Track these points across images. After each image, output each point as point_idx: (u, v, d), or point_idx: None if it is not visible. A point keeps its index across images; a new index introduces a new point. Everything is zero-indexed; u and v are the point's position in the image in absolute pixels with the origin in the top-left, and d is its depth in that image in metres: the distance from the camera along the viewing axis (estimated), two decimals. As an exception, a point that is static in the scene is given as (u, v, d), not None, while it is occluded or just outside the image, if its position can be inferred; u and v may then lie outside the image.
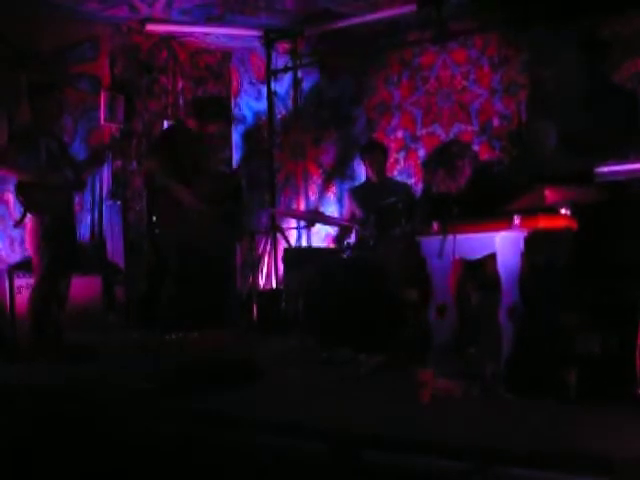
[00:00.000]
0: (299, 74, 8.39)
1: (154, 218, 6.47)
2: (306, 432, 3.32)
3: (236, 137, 8.96)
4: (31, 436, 3.81)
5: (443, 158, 4.78)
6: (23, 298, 6.09)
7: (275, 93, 8.45)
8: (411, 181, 7.42)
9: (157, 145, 6.56)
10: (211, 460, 3.32)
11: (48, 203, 5.59)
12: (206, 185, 6.20)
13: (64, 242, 5.72)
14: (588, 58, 5.00)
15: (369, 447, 3.09)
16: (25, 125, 6.09)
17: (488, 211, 4.16)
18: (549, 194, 3.99)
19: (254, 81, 8.79)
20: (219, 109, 6.58)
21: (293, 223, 8.06)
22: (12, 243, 6.93)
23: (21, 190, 5.55)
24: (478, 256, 4.18)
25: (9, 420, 4.02)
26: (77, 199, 7.11)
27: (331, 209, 8.04)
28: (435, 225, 4.28)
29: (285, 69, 8.41)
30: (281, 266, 7.63)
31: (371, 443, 3.13)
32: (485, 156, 7.03)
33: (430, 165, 4.95)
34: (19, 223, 5.64)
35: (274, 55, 8.36)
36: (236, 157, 8.97)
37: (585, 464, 2.70)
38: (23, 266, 6.50)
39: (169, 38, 8.16)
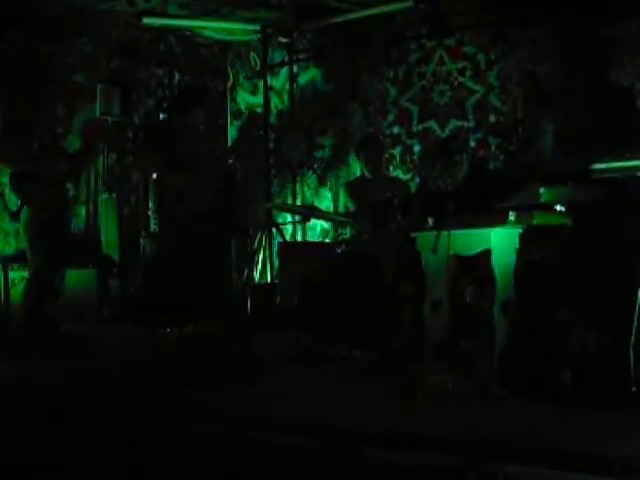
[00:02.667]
0: (295, 69, 8.39)
1: (149, 212, 6.47)
2: (303, 429, 3.33)
3: (232, 131, 8.94)
4: (27, 431, 3.80)
5: (441, 153, 4.79)
6: (17, 291, 6.08)
7: (271, 88, 8.45)
8: (407, 177, 7.42)
9: (148, 139, 6.54)
10: (208, 457, 3.31)
11: (43, 195, 5.58)
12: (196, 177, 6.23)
13: (58, 235, 5.71)
14: (585, 56, 5.01)
15: (366, 443, 3.10)
16: (18, 118, 6.08)
17: (484, 207, 4.16)
18: (544, 191, 4.00)
19: (250, 75, 8.79)
20: (199, 98, 6.56)
21: (288, 218, 8.06)
22: (6, 236, 6.90)
23: (16, 183, 5.55)
24: (473, 252, 4.18)
25: (5, 415, 4.01)
26: (72, 192, 7.12)
27: (326, 204, 8.04)
28: (430, 221, 4.27)
29: (281, 64, 8.41)
30: (276, 261, 7.63)
31: (368, 439, 3.13)
32: (481, 152, 7.03)
33: (428, 160, 4.96)
34: (15, 215, 5.63)
35: (270, 50, 8.36)
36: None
37: (581, 461, 2.71)
38: (17, 259, 6.49)
39: (166, 32, 8.14)
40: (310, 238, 8.08)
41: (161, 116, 7.82)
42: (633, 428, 3.13)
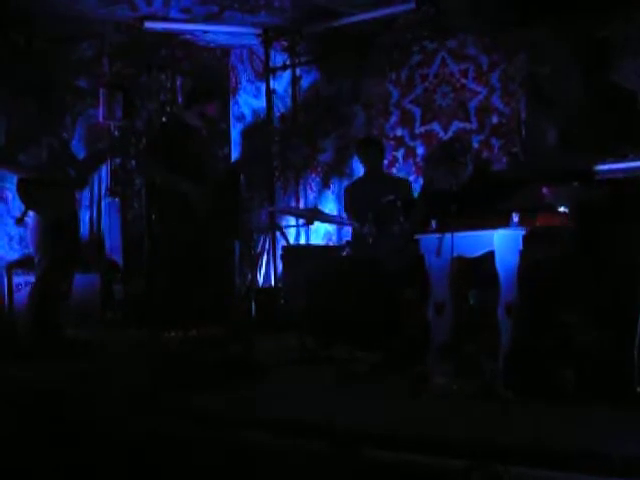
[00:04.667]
0: (297, 72, 8.40)
1: (153, 216, 6.47)
2: (306, 430, 3.32)
3: (235, 135, 8.96)
4: (30, 434, 3.80)
5: (446, 154, 4.78)
6: (22, 296, 6.09)
7: (274, 91, 8.45)
8: (410, 179, 7.42)
9: (153, 144, 6.54)
10: (211, 460, 3.31)
11: (49, 201, 5.60)
12: (204, 182, 6.20)
13: (66, 240, 5.72)
14: (587, 56, 5.00)
15: (369, 445, 3.09)
16: (27, 123, 6.10)
17: (487, 209, 4.15)
18: (547, 192, 3.99)
19: (253, 79, 8.80)
20: (210, 89, 6.56)
21: (292, 221, 8.06)
22: (10, 241, 6.92)
23: (22, 188, 5.56)
24: (476, 254, 4.17)
25: (8, 418, 4.02)
26: (76, 196, 7.12)
27: (330, 207, 8.04)
28: (433, 223, 4.27)
29: (284, 67, 8.41)
30: (280, 264, 7.63)
31: (371, 441, 3.13)
32: (484, 154, 7.03)
33: (432, 161, 4.95)
34: (20, 220, 5.64)
35: (273, 53, 8.38)
36: (235, 155, 8.97)
37: (585, 462, 2.70)
38: (21, 264, 6.50)
39: (168, 36, 8.15)
40: (314, 241, 8.08)
41: (163, 119, 7.84)
42: (638, 428, 3.12)
